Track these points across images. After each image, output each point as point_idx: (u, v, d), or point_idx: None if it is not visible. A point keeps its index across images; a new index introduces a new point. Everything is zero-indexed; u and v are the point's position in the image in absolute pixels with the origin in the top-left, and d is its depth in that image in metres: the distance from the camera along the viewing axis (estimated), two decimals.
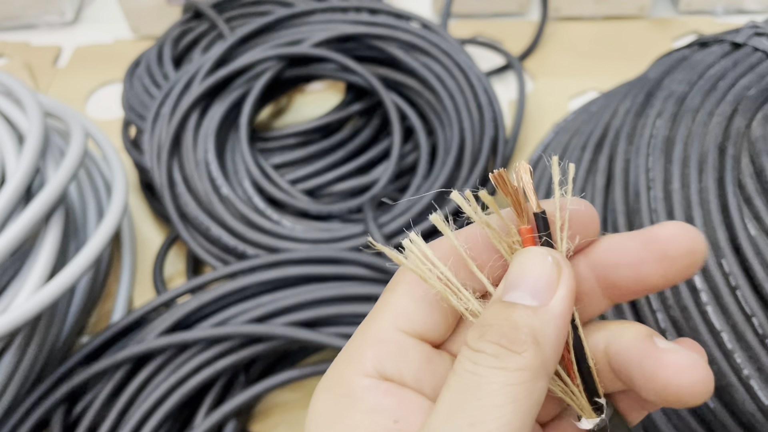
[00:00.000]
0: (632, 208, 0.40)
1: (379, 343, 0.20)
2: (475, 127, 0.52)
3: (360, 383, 0.19)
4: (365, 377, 0.19)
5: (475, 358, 0.18)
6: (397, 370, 0.19)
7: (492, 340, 0.18)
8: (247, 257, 0.49)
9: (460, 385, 0.18)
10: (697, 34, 0.69)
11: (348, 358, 0.20)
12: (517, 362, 0.17)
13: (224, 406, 0.42)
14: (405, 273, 0.21)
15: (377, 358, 0.19)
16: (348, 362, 0.20)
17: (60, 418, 0.42)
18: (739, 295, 0.34)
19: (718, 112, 0.40)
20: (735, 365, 0.34)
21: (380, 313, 0.21)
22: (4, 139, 0.44)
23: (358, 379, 0.19)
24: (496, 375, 0.17)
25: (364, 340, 0.20)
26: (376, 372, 0.19)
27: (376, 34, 0.55)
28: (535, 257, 0.19)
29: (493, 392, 0.17)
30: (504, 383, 0.17)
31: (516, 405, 0.17)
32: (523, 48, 0.68)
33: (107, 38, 0.76)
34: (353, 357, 0.20)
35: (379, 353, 0.20)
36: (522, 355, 0.17)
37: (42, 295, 0.39)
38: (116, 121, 0.64)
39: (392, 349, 0.20)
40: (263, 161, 0.55)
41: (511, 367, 0.17)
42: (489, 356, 0.18)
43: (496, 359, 0.17)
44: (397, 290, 0.21)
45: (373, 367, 0.19)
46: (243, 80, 0.56)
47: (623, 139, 0.43)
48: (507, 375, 0.17)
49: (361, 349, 0.20)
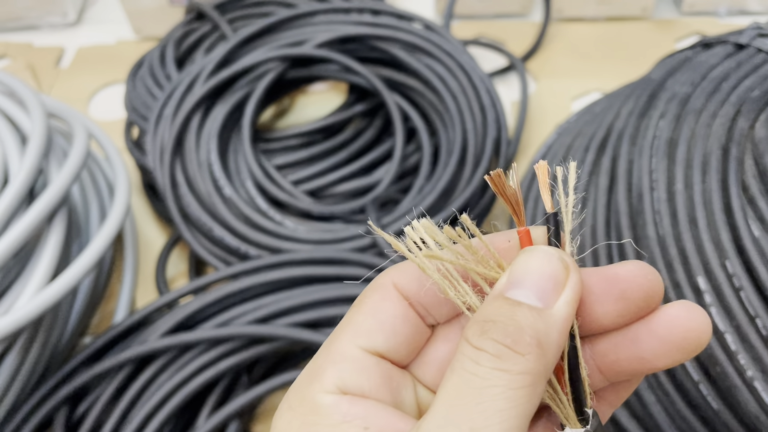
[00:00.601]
0: (635, 209, 0.39)
1: (341, 360, 0.20)
2: (478, 128, 0.51)
3: (323, 400, 0.19)
4: (327, 394, 0.19)
5: (476, 356, 0.17)
6: (358, 386, 0.19)
7: (495, 338, 0.17)
8: (249, 258, 0.49)
9: (460, 386, 0.17)
10: (699, 35, 0.68)
11: (310, 375, 0.20)
12: (521, 365, 0.17)
13: (227, 407, 0.42)
14: (372, 291, 0.21)
15: (338, 376, 0.19)
16: (310, 380, 0.20)
17: (63, 418, 0.42)
18: (743, 296, 0.34)
19: (721, 113, 0.40)
20: (739, 366, 0.33)
21: (343, 330, 0.20)
22: (7, 139, 0.44)
23: (321, 396, 0.19)
24: (498, 378, 0.17)
25: (327, 357, 0.20)
26: (337, 388, 0.19)
27: (378, 35, 0.55)
28: (544, 255, 0.19)
29: (495, 396, 0.17)
30: (507, 387, 0.17)
31: (518, 410, 0.16)
32: (526, 49, 0.68)
33: (110, 39, 0.76)
34: (315, 375, 0.20)
35: (340, 371, 0.19)
36: (526, 358, 0.17)
37: (44, 296, 0.39)
38: (119, 122, 0.64)
39: (354, 367, 0.19)
40: (266, 162, 0.55)
41: (514, 370, 0.17)
42: (491, 356, 0.17)
43: (499, 360, 0.17)
44: (362, 308, 0.20)
45: (334, 384, 0.19)
46: (246, 81, 0.56)
47: (626, 140, 0.43)
48: (510, 378, 0.17)
49: (323, 367, 0.20)
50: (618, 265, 0.19)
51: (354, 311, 0.21)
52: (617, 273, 0.19)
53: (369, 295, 0.21)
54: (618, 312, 0.19)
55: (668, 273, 0.36)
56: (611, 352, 0.19)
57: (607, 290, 0.19)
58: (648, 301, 0.19)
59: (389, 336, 0.20)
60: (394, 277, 0.21)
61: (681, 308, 0.18)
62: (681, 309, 0.18)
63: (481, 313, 0.18)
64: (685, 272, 0.36)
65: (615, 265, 0.19)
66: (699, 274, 0.35)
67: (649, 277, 0.18)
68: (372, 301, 0.20)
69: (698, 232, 0.36)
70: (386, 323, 0.20)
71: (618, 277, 0.19)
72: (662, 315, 0.19)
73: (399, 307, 0.20)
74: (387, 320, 0.20)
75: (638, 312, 0.19)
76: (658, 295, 0.19)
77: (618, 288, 0.19)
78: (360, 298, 0.21)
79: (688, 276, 0.36)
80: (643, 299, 0.19)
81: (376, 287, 0.21)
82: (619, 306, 0.19)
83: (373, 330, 0.20)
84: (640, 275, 0.18)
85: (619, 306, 0.19)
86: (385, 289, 0.21)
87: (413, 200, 0.51)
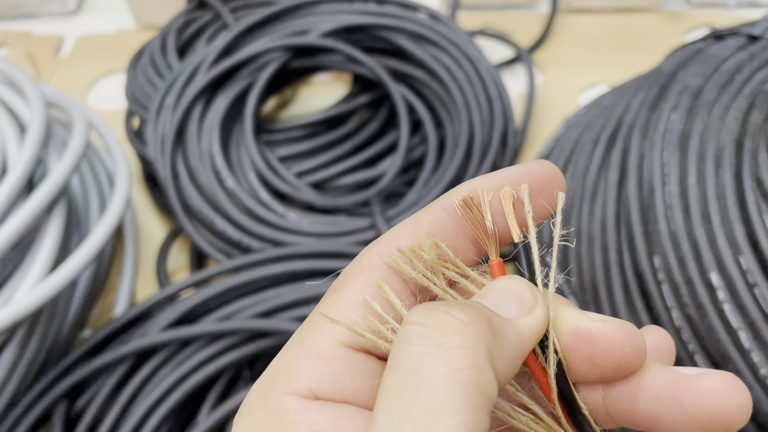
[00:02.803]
0: (646, 203, 0.39)
1: (317, 359, 0.17)
2: (485, 120, 0.51)
3: (289, 404, 0.16)
4: (294, 396, 0.16)
5: (408, 335, 0.14)
6: (339, 389, 0.16)
7: (436, 313, 0.15)
8: (251, 251, 0.48)
9: (395, 383, 0.14)
10: (709, 27, 0.68)
11: (275, 374, 0.17)
12: (460, 337, 0.14)
13: (228, 402, 0.41)
14: (358, 272, 0.18)
15: (314, 378, 0.16)
16: (275, 379, 0.17)
17: (62, 412, 0.42)
18: (757, 292, 0.33)
19: (734, 106, 0.39)
20: (752, 364, 0.33)
21: (322, 322, 0.17)
22: (6, 129, 0.43)
23: (286, 399, 0.16)
24: (435, 359, 0.14)
25: (300, 354, 0.17)
26: (310, 392, 0.16)
27: (383, 24, 0.54)
28: (514, 280, 0.17)
29: (435, 384, 0.13)
30: (447, 368, 0.14)
31: (465, 398, 0.13)
32: (533, 40, 0.67)
33: (110, 28, 0.75)
34: (283, 373, 0.17)
35: (316, 371, 0.16)
36: (467, 328, 0.14)
37: (43, 288, 0.39)
38: (119, 111, 0.64)
39: (334, 367, 0.17)
40: (269, 153, 0.54)
41: (452, 343, 0.14)
42: (426, 329, 0.14)
43: (435, 332, 0.14)
44: (345, 294, 0.18)
45: (307, 386, 0.16)
46: (248, 71, 0.55)
47: (637, 133, 0.42)
48: (448, 355, 0.14)
49: (295, 365, 0.17)
50: (596, 320, 0.16)
51: (335, 298, 0.18)
52: (591, 333, 0.16)
53: (353, 277, 0.18)
54: (587, 372, 0.16)
55: (680, 269, 0.36)
56: (625, 401, 0.17)
57: (575, 346, 0.16)
58: (618, 372, 0.16)
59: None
60: (383, 253, 0.18)
61: (717, 381, 0.15)
62: (717, 382, 0.15)
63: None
64: (698, 268, 0.35)
65: (593, 319, 0.16)
66: (712, 270, 0.34)
67: (627, 350, 0.16)
68: (358, 286, 0.18)
69: (711, 227, 0.35)
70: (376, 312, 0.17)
71: (592, 339, 0.16)
72: (693, 381, 0.16)
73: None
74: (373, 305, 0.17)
75: (608, 378, 0.16)
76: (632, 367, 0.16)
77: (587, 350, 0.16)
78: (341, 281, 0.18)
79: (701, 272, 0.35)
80: (613, 369, 0.16)
81: (360, 268, 0.18)
82: (587, 367, 0.16)
83: (357, 322, 0.17)
84: (616, 345, 0.16)
85: (587, 367, 0.16)
86: (373, 270, 0.18)
87: (418, 193, 0.51)
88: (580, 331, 0.16)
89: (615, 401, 0.17)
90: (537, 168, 0.18)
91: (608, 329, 0.16)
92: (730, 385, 0.15)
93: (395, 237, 0.18)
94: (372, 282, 0.17)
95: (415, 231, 0.18)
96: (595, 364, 0.16)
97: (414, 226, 0.18)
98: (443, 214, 0.18)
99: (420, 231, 0.18)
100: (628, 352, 0.16)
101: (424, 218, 0.18)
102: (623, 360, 0.16)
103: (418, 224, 0.18)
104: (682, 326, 0.36)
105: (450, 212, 0.18)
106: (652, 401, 0.16)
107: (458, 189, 0.18)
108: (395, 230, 0.18)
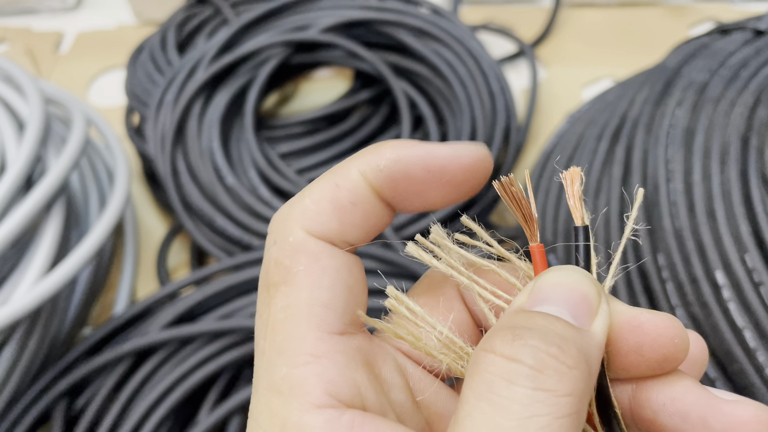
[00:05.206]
0: (651, 200, 0.38)
1: (317, 360, 0.15)
2: (487, 116, 0.50)
3: (313, 422, 0.14)
4: (316, 411, 0.15)
5: (510, 373, 0.14)
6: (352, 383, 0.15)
7: (536, 345, 0.14)
8: (252, 249, 0.48)
9: (492, 419, 0.13)
10: (714, 21, 0.67)
11: (279, 391, 0.15)
12: (567, 384, 0.13)
13: (229, 401, 0.41)
14: (295, 259, 0.16)
15: (326, 380, 0.15)
16: (282, 397, 0.15)
17: (62, 411, 0.41)
18: (763, 291, 0.33)
19: (740, 101, 0.39)
20: (757, 364, 0.32)
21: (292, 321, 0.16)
22: (5, 126, 0.43)
23: (309, 417, 0.14)
24: (542, 403, 0.13)
25: (293, 361, 0.15)
26: (330, 397, 0.15)
27: (384, 19, 0.54)
28: (577, 276, 0.16)
29: (539, 430, 0.13)
30: (553, 415, 0.13)
31: None
32: (536, 35, 0.67)
33: (110, 24, 0.75)
34: (288, 389, 0.15)
35: (325, 373, 0.15)
36: (573, 374, 0.14)
37: (43, 286, 0.39)
38: (119, 108, 0.63)
39: (339, 361, 0.15)
40: (269, 150, 0.54)
41: (559, 390, 0.13)
42: (530, 371, 0.14)
43: (540, 376, 0.13)
44: (298, 283, 0.16)
45: (325, 391, 0.15)
46: (248, 67, 0.55)
47: (641, 128, 0.41)
48: (555, 403, 0.13)
49: (298, 374, 0.15)
50: (647, 313, 0.16)
51: (289, 292, 0.16)
52: (641, 323, 0.16)
53: (294, 264, 0.16)
54: (631, 364, 0.16)
55: (685, 267, 0.35)
56: (652, 409, 0.16)
57: (623, 337, 0.16)
58: (663, 365, 0.16)
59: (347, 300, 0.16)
60: (306, 226, 0.17)
61: (750, 413, 0.15)
62: (750, 413, 0.15)
63: (506, 322, 0.15)
64: (703, 266, 0.35)
65: (644, 312, 0.16)
66: (717, 268, 0.34)
67: (675, 340, 0.16)
68: (306, 272, 0.16)
69: (716, 224, 0.35)
70: (337, 290, 0.16)
71: (641, 328, 0.16)
72: (725, 407, 0.15)
73: (339, 262, 0.17)
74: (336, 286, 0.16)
75: (651, 371, 0.16)
76: (678, 359, 0.16)
77: (635, 341, 0.16)
78: (280, 273, 0.16)
79: (706, 270, 0.34)
80: (659, 361, 0.16)
81: (293, 250, 0.16)
82: (633, 358, 0.16)
83: (331, 305, 0.16)
84: (665, 335, 0.16)
85: (633, 358, 0.16)
86: (308, 250, 0.17)
87: None
88: (630, 321, 0.16)
89: (641, 408, 0.16)
90: (468, 150, 0.18)
91: (658, 320, 0.16)
92: (764, 421, 0.15)
93: (314, 208, 0.17)
94: (316, 260, 0.16)
95: (334, 199, 0.17)
96: (642, 354, 0.16)
97: (332, 194, 0.17)
98: (360, 180, 0.17)
99: (340, 199, 0.17)
100: (677, 342, 0.16)
101: (343, 185, 0.17)
102: (670, 351, 0.16)
103: (337, 191, 0.17)
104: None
105: (368, 177, 0.17)
106: (678, 415, 0.16)
107: (378, 149, 0.17)
108: (312, 200, 0.17)
